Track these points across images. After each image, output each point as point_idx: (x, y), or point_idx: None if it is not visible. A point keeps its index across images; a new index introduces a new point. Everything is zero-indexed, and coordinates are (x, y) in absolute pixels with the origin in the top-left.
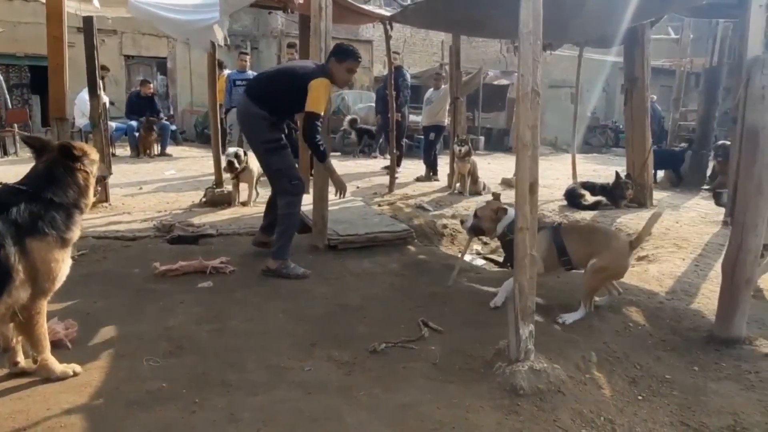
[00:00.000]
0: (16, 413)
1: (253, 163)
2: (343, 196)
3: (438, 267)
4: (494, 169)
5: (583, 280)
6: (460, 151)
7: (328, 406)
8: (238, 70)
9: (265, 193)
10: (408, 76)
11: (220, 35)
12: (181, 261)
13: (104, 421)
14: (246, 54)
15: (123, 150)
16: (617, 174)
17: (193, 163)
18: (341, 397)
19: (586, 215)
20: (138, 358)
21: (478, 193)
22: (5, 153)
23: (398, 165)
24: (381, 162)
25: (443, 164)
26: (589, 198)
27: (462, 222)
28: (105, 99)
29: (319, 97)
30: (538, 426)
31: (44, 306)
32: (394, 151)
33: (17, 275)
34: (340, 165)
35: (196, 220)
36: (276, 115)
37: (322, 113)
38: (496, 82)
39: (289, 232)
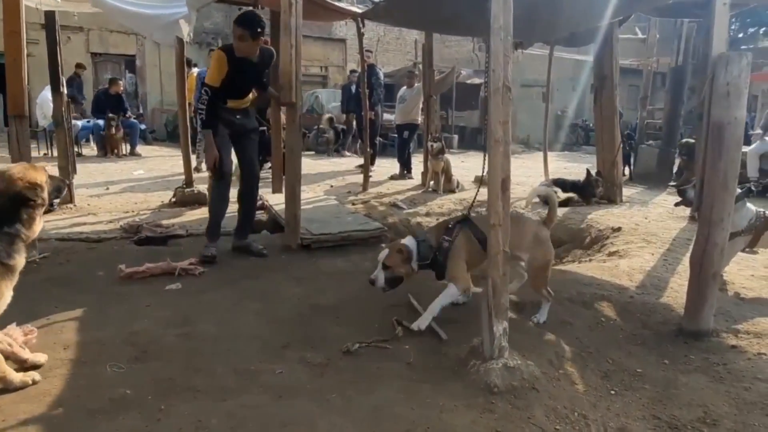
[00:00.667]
0: None
1: None
2: (209, 168)
3: None
4: (468, 167)
5: (532, 278)
6: (433, 148)
7: (299, 410)
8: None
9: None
10: (381, 75)
11: (185, 30)
12: (147, 263)
13: (64, 430)
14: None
15: (90, 150)
16: (588, 171)
17: (163, 162)
18: (313, 401)
19: (558, 212)
20: (101, 365)
21: (452, 191)
22: None
23: (372, 163)
24: (355, 161)
25: (417, 163)
26: (561, 195)
27: (372, 282)
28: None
29: (211, 68)
30: (512, 424)
31: None
32: (368, 149)
33: None
34: (314, 163)
35: (165, 221)
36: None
37: (211, 83)
38: (469, 81)
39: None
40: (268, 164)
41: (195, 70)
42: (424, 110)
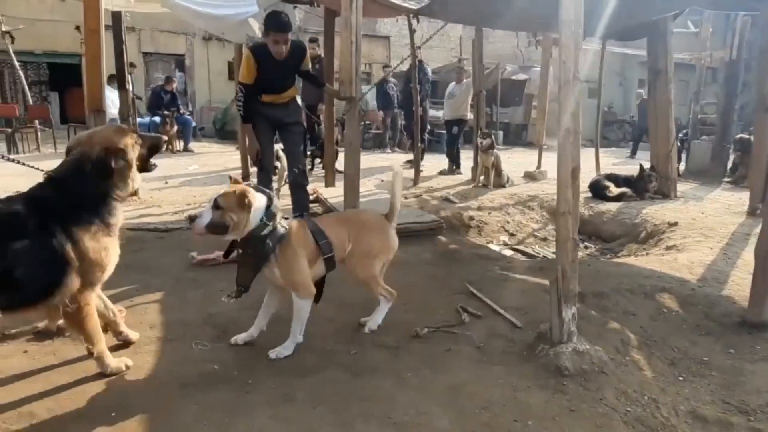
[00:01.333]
0: (75, 395)
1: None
2: (252, 160)
3: (470, 256)
4: (514, 162)
5: (356, 267)
6: (482, 143)
7: (377, 387)
8: None
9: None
10: (429, 71)
11: (256, 27)
12: (216, 251)
13: (161, 401)
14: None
15: None
16: (641, 166)
17: (216, 158)
18: (390, 379)
19: (611, 206)
20: (186, 343)
21: (502, 186)
22: (15, 149)
23: (421, 158)
24: (402, 156)
25: (465, 158)
26: (614, 190)
27: (191, 219)
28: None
29: (241, 67)
30: (585, 404)
31: (93, 297)
32: (419, 144)
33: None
34: (362, 159)
35: None
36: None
37: (244, 81)
38: (513, 77)
39: None
40: (318, 159)
41: None
42: (472, 106)
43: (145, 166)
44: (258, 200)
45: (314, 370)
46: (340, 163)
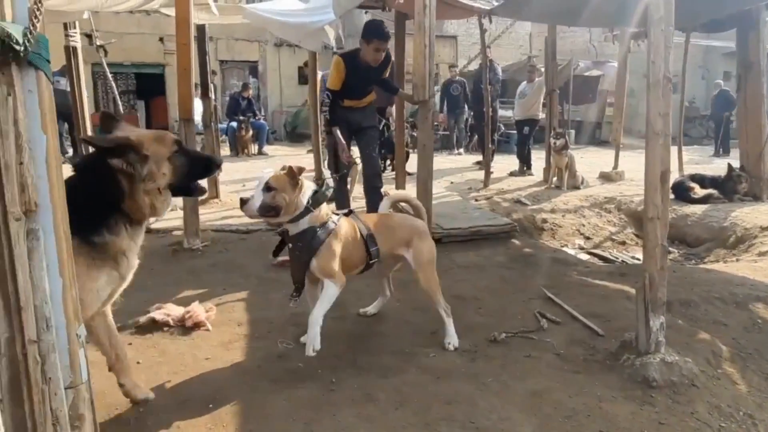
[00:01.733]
0: (175, 386)
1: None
2: (345, 162)
3: (545, 260)
4: (587, 162)
5: (422, 276)
6: (555, 144)
7: (458, 391)
8: None
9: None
10: (499, 70)
11: (331, 35)
12: None
13: (254, 395)
14: (337, 54)
15: (223, 150)
16: (730, 166)
17: (288, 160)
18: (470, 383)
19: (696, 209)
20: (271, 341)
21: (577, 187)
22: None
23: (491, 160)
24: (470, 158)
25: (536, 158)
26: (699, 191)
27: (244, 202)
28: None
29: (331, 74)
30: (674, 417)
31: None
32: (490, 145)
33: None
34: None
35: None
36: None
37: (333, 88)
38: (587, 73)
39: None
40: (388, 161)
41: (320, 74)
42: (545, 105)
43: (185, 187)
44: (306, 184)
45: (395, 371)
46: (410, 165)
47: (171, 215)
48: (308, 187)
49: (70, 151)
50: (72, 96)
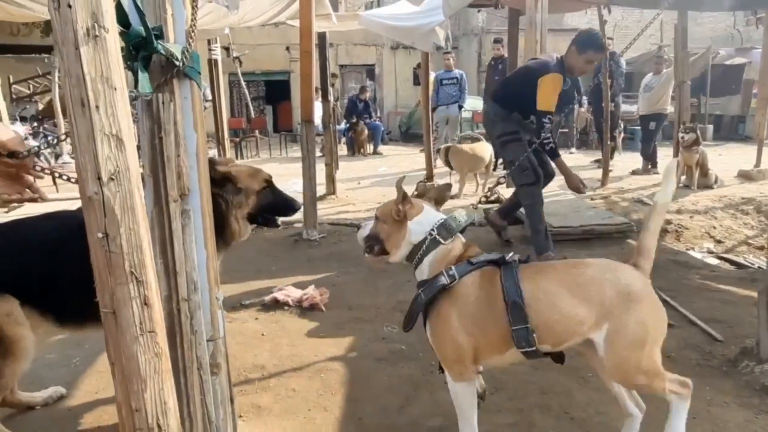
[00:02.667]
0: (293, 356)
1: (462, 157)
2: (581, 192)
3: (664, 262)
4: (726, 161)
5: (613, 368)
6: (684, 139)
7: (556, 382)
8: (445, 70)
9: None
10: (623, 63)
11: (441, 35)
12: None
13: (359, 370)
14: (449, 53)
15: (341, 150)
16: None
17: (402, 160)
18: (569, 376)
19: None
20: (378, 324)
21: (709, 187)
22: (241, 155)
23: (611, 157)
24: (587, 156)
25: (663, 156)
26: None
27: (357, 228)
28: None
29: (546, 93)
30: None
31: None
32: (609, 142)
33: None
34: None
35: None
36: (512, 111)
37: (551, 110)
38: (728, 62)
39: (535, 225)
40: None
41: (432, 74)
42: (674, 98)
43: (264, 218)
44: (424, 213)
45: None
46: None
47: None
48: (426, 217)
49: None
50: (213, 103)
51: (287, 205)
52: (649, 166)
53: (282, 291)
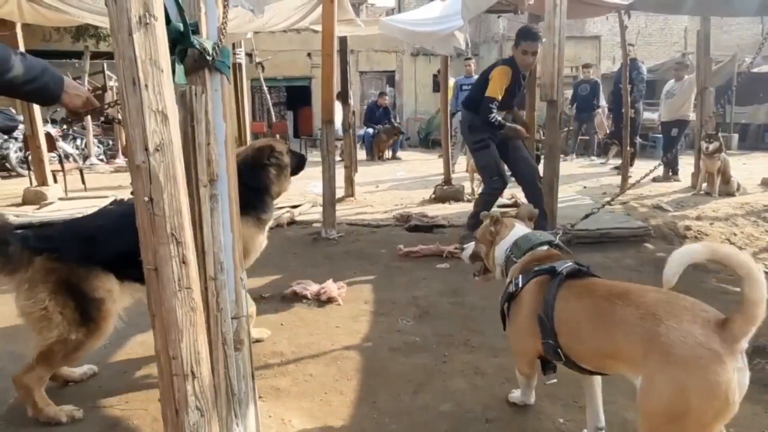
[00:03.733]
0: (311, 344)
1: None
2: (520, 137)
3: None
4: (751, 169)
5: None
6: (707, 147)
7: (564, 371)
8: (465, 76)
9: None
10: (644, 70)
11: (461, 38)
12: (420, 245)
13: (374, 358)
14: (470, 59)
15: (360, 154)
16: None
17: (420, 165)
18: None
19: None
20: (393, 317)
21: (731, 194)
22: None
23: (631, 164)
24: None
25: (685, 164)
26: None
27: (462, 249)
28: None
29: (494, 83)
30: None
31: None
32: (628, 148)
33: None
34: (563, 165)
35: (429, 213)
36: (476, 114)
37: (497, 97)
38: (756, 70)
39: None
40: None
41: (452, 80)
42: (696, 105)
43: (294, 172)
44: (515, 233)
45: (506, 352)
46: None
47: (312, 210)
48: (514, 237)
49: None
50: (236, 106)
51: (302, 158)
52: (670, 173)
53: (300, 284)
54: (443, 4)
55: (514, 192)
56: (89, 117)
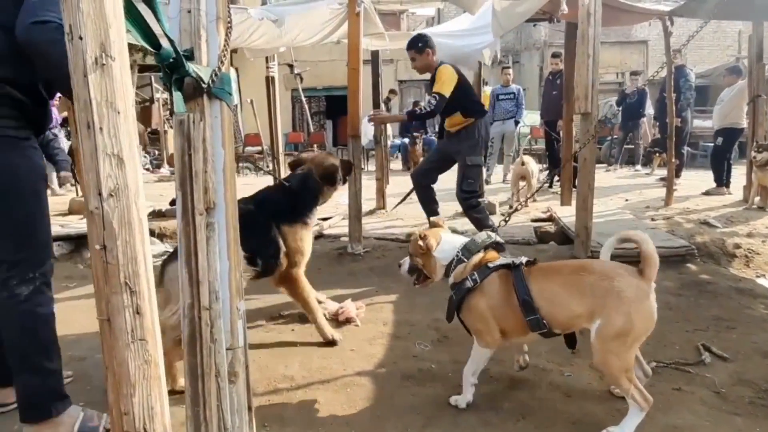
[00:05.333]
0: (323, 369)
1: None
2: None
3: (725, 289)
4: None
5: (599, 358)
6: (756, 158)
7: (588, 412)
8: (502, 85)
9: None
10: (692, 76)
11: (487, 55)
12: None
13: (384, 386)
14: (508, 68)
15: (395, 164)
16: None
17: (452, 175)
18: (602, 406)
19: None
20: (411, 341)
21: None
22: None
23: (677, 176)
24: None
25: (738, 175)
26: None
27: (399, 266)
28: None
29: (447, 80)
30: None
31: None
32: (673, 159)
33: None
34: (606, 176)
35: (460, 227)
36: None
37: (443, 92)
38: None
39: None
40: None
41: (488, 89)
42: (749, 113)
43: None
44: (444, 241)
45: (525, 384)
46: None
47: (342, 222)
48: (445, 244)
49: None
50: (269, 118)
51: (351, 165)
52: (721, 185)
53: (320, 304)
54: (473, 17)
55: (550, 206)
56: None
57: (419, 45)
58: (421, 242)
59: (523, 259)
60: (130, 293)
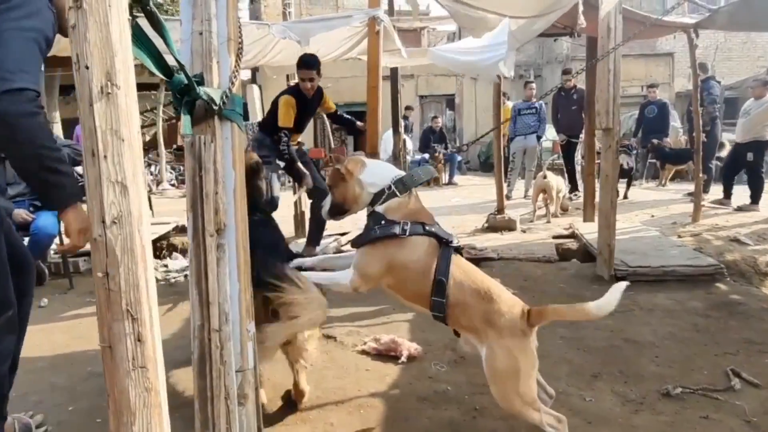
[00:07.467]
0: (337, 389)
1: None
2: (305, 183)
3: (757, 310)
4: None
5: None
6: None
7: None
8: (524, 100)
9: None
10: (716, 90)
11: (505, 69)
12: None
13: (400, 409)
14: (532, 83)
15: None
16: None
17: (477, 190)
18: None
19: None
20: (427, 362)
21: None
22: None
23: (706, 191)
24: (682, 188)
25: None
26: None
27: (320, 208)
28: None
29: (281, 112)
30: None
31: None
32: (700, 174)
33: None
34: (630, 191)
35: (478, 244)
36: (271, 135)
37: (288, 126)
38: None
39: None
40: (576, 192)
41: (509, 103)
42: None
43: None
44: (370, 168)
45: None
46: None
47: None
48: (374, 168)
49: None
50: None
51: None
52: (754, 202)
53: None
54: (490, 34)
55: (572, 222)
56: (161, 144)
57: (319, 66)
58: (342, 167)
59: (456, 242)
60: (132, 320)
